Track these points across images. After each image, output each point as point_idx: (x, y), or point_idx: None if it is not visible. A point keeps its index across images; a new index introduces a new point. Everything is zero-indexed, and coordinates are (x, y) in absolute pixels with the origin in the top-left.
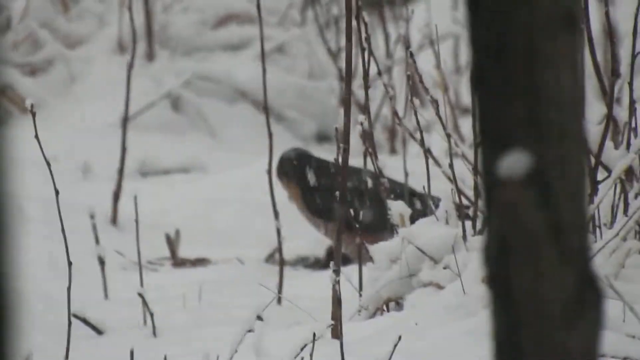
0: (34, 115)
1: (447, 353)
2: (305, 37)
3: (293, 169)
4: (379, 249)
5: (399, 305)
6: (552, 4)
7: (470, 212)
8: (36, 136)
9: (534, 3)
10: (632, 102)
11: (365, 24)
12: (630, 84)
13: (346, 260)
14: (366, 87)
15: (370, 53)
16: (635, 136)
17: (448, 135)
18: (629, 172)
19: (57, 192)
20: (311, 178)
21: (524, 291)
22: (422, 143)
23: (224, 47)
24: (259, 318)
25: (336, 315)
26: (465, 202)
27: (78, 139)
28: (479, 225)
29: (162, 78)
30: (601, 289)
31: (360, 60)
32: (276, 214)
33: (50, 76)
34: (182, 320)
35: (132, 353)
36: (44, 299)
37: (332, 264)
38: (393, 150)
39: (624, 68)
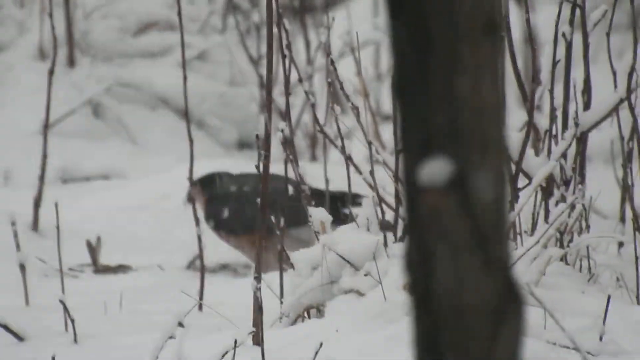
0: None
1: (368, 359)
2: (226, 44)
3: (201, 189)
4: (300, 256)
5: (320, 312)
6: (473, 11)
7: (391, 219)
8: None
9: (455, 10)
10: (552, 110)
11: (286, 31)
12: (551, 91)
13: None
14: (287, 94)
15: (291, 60)
16: (556, 144)
17: (369, 142)
18: (550, 179)
19: None
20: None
21: (445, 298)
22: (342, 150)
23: (144, 54)
24: (180, 325)
25: (257, 322)
26: (386, 209)
27: None
28: (400, 232)
29: (83, 85)
30: (522, 296)
31: (281, 67)
32: (197, 221)
33: None
34: (104, 327)
35: None
36: None
37: (253, 270)
38: (314, 157)
39: (545, 75)
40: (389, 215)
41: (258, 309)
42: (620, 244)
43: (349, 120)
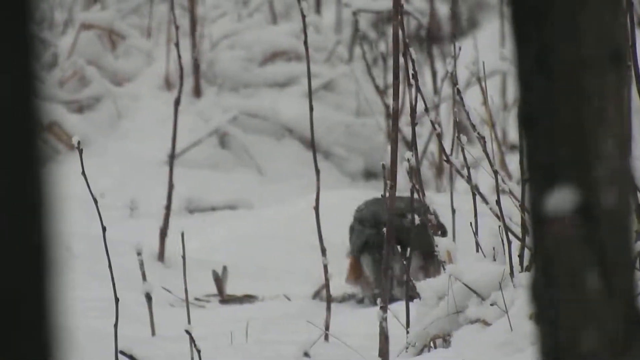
0: (80, 152)
1: None
2: (353, 74)
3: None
4: (427, 286)
5: (446, 342)
6: (598, 40)
7: (518, 249)
8: (83, 173)
9: (581, 40)
10: None
11: (413, 61)
12: None
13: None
14: (413, 123)
15: (418, 90)
16: None
17: (495, 172)
18: None
19: (104, 229)
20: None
21: (570, 328)
22: (469, 180)
23: (270, 83)
24: (307, 355)
25: (383, 352)
26: (512, 239)
27: (125, 175)
28: (526, 261)
29: (209, 114)
30: None
31: (407, 97)
32: (323, 251)
33: (97, 113)
34: (230, 358)
35: None
36: (91, 335)
37: (379, 300)
38: (440, 187)
39: None
40: (515, 245)
41: (384, 338)
42: None
43: (475, 150)
